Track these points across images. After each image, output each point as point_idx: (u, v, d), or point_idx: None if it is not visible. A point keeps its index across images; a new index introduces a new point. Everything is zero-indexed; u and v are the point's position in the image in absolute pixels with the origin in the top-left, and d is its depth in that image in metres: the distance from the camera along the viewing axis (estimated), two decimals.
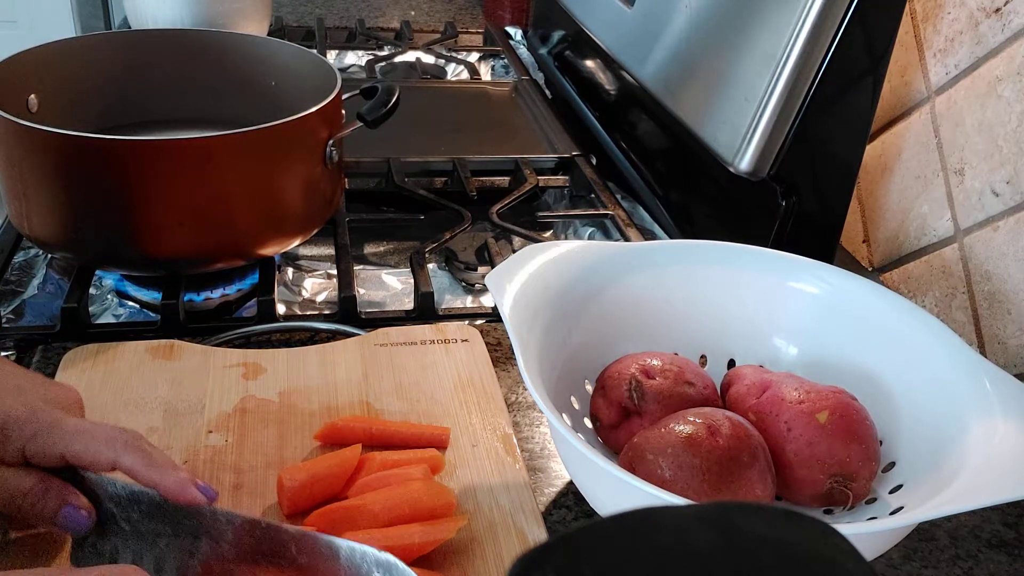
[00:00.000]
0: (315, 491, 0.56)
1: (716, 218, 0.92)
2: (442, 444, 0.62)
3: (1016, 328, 0.72)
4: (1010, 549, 0.60)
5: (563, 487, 0.62)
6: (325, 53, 1.39)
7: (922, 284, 0.82)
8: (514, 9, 1.63)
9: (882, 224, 0.88)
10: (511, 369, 0.73)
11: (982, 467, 0.50)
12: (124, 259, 0.77)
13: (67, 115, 0.85)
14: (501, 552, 0.55)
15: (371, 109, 0.84)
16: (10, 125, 0.71)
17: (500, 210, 0.94)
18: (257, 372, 0.68)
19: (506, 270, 0.61)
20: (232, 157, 0.74)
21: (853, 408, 0.57)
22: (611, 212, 0.97)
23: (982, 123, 0.75)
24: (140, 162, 0.71)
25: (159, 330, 0.75)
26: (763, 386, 0.60)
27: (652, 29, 0.98)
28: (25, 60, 0.83)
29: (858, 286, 0.65)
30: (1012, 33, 0.71)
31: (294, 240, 0.82)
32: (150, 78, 0.93)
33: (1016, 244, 0.71)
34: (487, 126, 1.21)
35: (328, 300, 0.84)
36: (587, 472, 0.55)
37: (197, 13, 1.17)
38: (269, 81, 0.93)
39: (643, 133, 1.07)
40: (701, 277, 0.67)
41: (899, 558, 0.59)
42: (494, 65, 1.48)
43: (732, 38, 0.83)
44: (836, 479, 0.55)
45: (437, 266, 0.89)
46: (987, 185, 0.74)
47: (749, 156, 0.79)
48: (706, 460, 0.53)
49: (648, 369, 0.61)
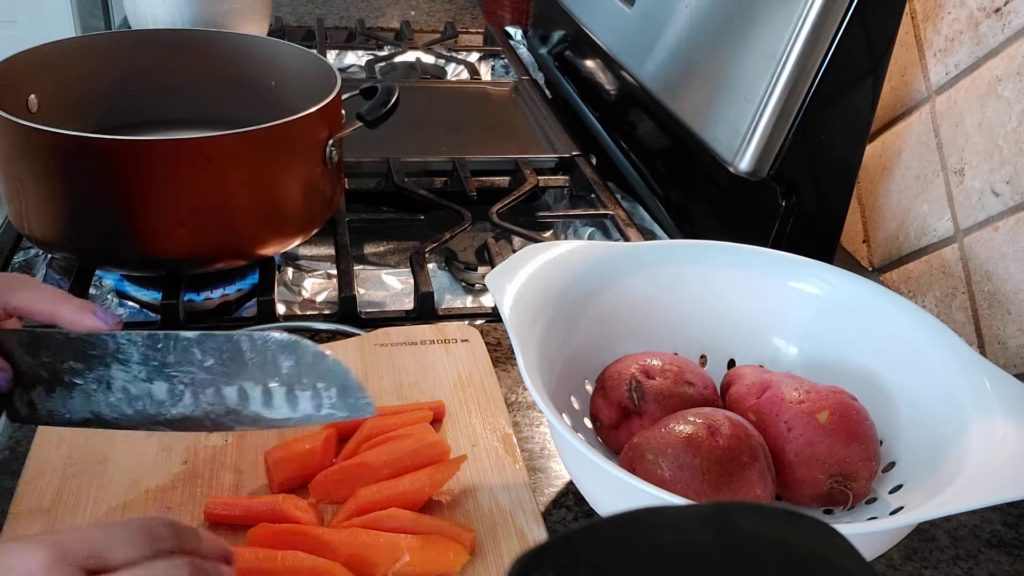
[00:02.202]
0: (300, 465, 0.58)
1: (716, 218, 0.92)
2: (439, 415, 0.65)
3: (1016, 328, 0.72)
4: (1010, 549, 0.60)
5: (563, 487, 0.62)
6: (325, 53, 1.39)
7: (922, 284, 0.82)
8: (514, 9, 1.63)
9: (882, 224, 0.88)
10: (511, 369, 0.73)
11: (982, 467, 0.50)
12: (124, 259, 0.77)
13: (67, 115, 0.85)
14: (501, 552, 0.55)
15: (371, 109, 0.84)
16: (10, 125, 0.71)
17: (500, 210, 0.94)
18: None
19: (506, 270, 0.61)
20: (232, 157, 0.74)
21: (853, 408, 0.57)
22: (611, 212, 0.97)
23: (982, 123, 0.75)
24: (140, 162, 0.71)
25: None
26: (763, 386, 0.60)
27: (652, 29, 0.98)
28: (25, 60, 0.83)
29: (858, 286, 0.65)
30: (1012, 33, 0.71)
31: (294, 240, 0.82)
32: (150, 78, 0.93)
33: (1016, 244, 0.71)
34: (487, 126, 1.21)
35: (328, 300, 0.84)
36: (587, 472, 0.55)
37: (197, 13, 1.17)
38: (269, 81, 0.93)
39: (643, 133, 1.07)
40: (701, 277, 0.67)
41: (899, 558, 0.59)
42: (494, 65, 1.48)
43: (732, 38, 0.83)
44: (836, 479, 0.55)
45: (437, 266, 0.89)
46: (987, 185, 0.74)
47: (749, 156, 0.79)
48: (706, 460, 0.53)
49: (648, 369, 0.61)
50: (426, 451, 0.59)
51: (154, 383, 0.47)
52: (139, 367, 0.47)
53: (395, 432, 0.60)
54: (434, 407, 0.64)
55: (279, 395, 0.47)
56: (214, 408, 0.48)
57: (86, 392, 0.48)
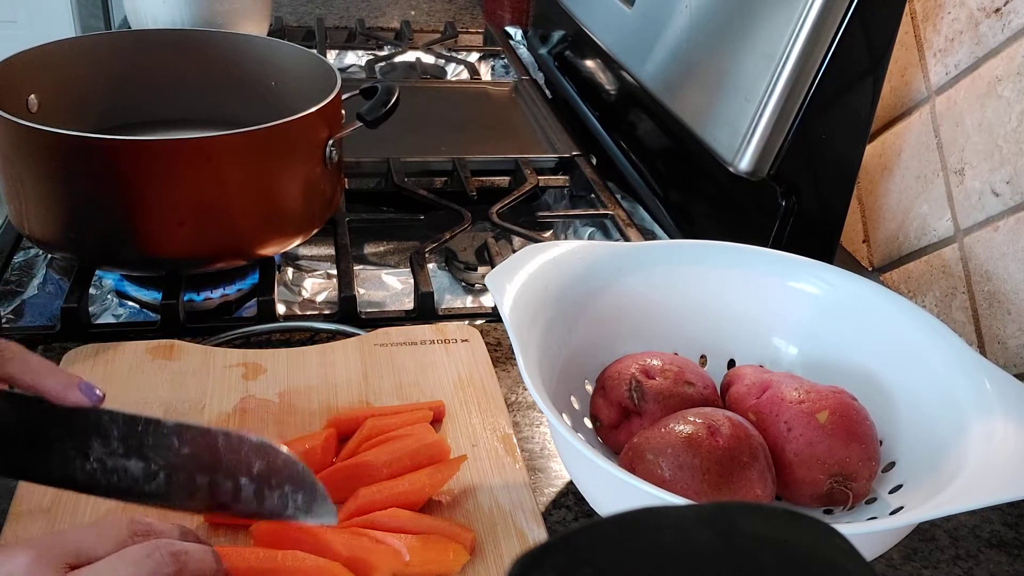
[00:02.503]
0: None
1: (716, 218, 0.92)
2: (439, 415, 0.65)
3: (1016, 328, 0.72)
4: (1010, 549, 0.60)
5: (563, 487, 0.62)
6: (325, 53, 1.39)
7: (922, 284, 0.82)
8: (514, 9, 1.63)
9: (882, 224, 0.88)
10: (511, 369, 0.73)
11: (982, 467, 0.50)
12: (124, 259, 0.77)
13: (67, 115, 0.85)
14: (501, 552, 0.55)
15: (371, 109, 0.84)
16: (10, 125, 0.71)
17: (500, 210, 0.94)
18: (257, 372, 0.68)
19: (506, 270, 0.61)
20: (232, 157, 0.74)
21: (853, 408, 0.57)
22: (611, 212, 0.97)
23: (982, 123, 0.75)
24: (140, 162, 0.71)
25: (159, 330, 0.75)
26: (763, 386, 0.60)
27: (652, 29, 0.98)
28: (25, 60, 0.83)
29: (858, 286, 0.65)
30: (1012, 33, 0.71)
31: (294, 240, 0.82)
32: (150, 78, 0.93)
33: (1016, 244, 0.71)
34: (487, 126, 1.21)
35: (328, 300, 0.84)
36: (587, 472, 0.55)
37: (197, 13, 1.17)
38: (269, 81, 0.93)
39: (643, 133, 1.07)
40: (701, 277, 0.67)
41: (899, 558, 0.59)
42: (494, 65, 1.48)
43: (732, 38, 0.83)
44: (836, 479, 0.55)
45: (437, 266, 0.89)
46: (987, 185, 0.74)
47: (749, 156, 0.79)
48: (706, 460, 0.53)
49: (648, 369, 0.61)
50: (426, 451, 0.59)
51: (130, 460, 0.49)
52: (118, 443, 0.49)
53: (395, 432, 0.60)
54: (434, 407, 0.65)
55: (248, 491, 0.49)
56: (185, 490, 0.50)
57: (64, 456, 0.49)
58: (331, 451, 0.60)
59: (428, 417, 0.63)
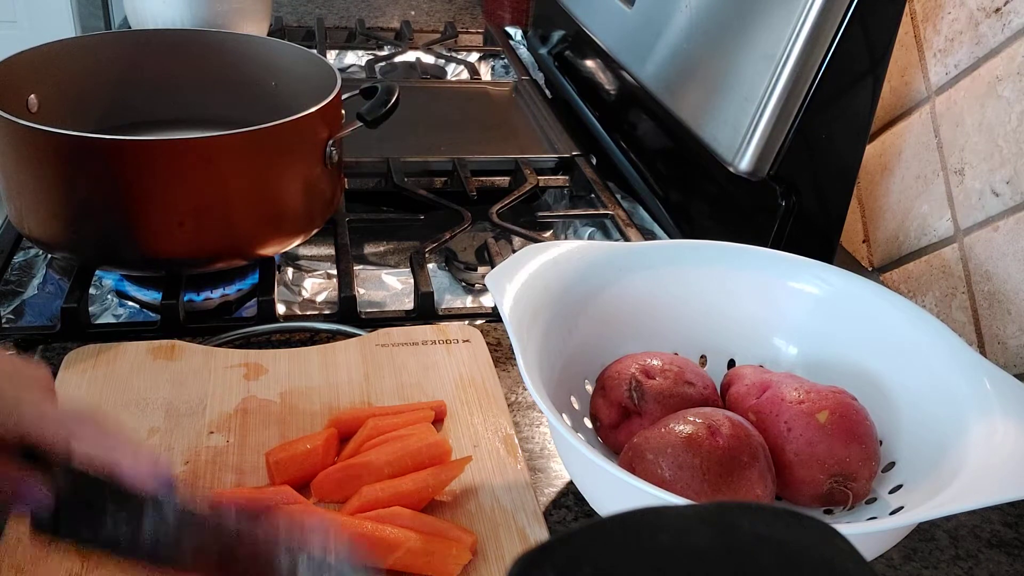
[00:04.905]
0: (302, 465, 0.58)
1: (716, 218, 0.92)
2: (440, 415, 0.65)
3: (1016, 328, 0.72)
4: (1010, 549, 0.60)
5: (563, 487, 0.62)
6: (325, 53, 1.39)
7: (922, 284, 0.82)
8: (514, 9, 1.63)
9: (882, 224, 0.88)
10: (511, 369, 0.73)
11: (982, 467, 0.50)
12: (124, 259, 0.77)
13: (67, 115, 0.85)
14: (503, 552, 0.55)
15: (371, 109, 0.84)
16: (10, 125, 0.71)
17: (500, 210, 0.94)
18: (258, 373, 0.68)
19: (506, 270, 0.61)
20: (232, 157, 0.74)
21: (853, 408, 0.57)
22: (611, 212, 0.97)
23: (982, 123, 0.75)
24: (140, 162, 0.71)
25: (159, 330, 0.75)
26: (763, 386, 0.60)
27: (652, 29, 0.98)
28: (25, 60, 0.83)
29: (858, 286, 0.65)
30: (1012, 33, 0.71)
31: (294, 240, 0.82)
32: (150, 78, 0.93)
33: (1016, 244, 0.71)
34: (487, 126, 1.21)
35: (328, 300, 0.84)
36: (587, 472, 0.55)
37: (197, 13, 1.18)
38: (269, 81, 0.93)
39: (643, 133, 1.07)
40: (701, 277, 0.67)
41: (899, 558, 0.59)
42: (494, 65, 1.48)
43: (732, 38, 0.83)
44: (836, 479, 0.55)
45: (437, 266, 0.89)
46: (987, 185, 0.74)
47: (749, 156, 0.79)
48: (706, 460, 0.53)
49: (648, 369, 0.61)
50: (428, 451, 0.59)
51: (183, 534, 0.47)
52: (173, 523, 0.47)
53: (397, 432, 0.60)
54: (435, 407, 0.65)
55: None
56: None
57: (115, 527, 0.48)
58: (332, 451, 0.60)
59: (430, 417, 0.63)
